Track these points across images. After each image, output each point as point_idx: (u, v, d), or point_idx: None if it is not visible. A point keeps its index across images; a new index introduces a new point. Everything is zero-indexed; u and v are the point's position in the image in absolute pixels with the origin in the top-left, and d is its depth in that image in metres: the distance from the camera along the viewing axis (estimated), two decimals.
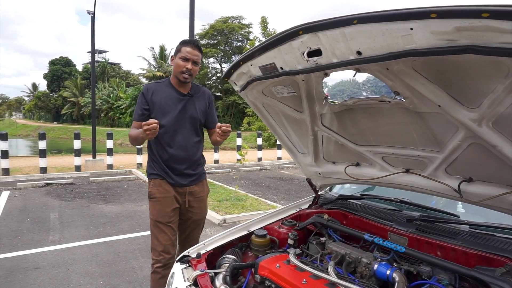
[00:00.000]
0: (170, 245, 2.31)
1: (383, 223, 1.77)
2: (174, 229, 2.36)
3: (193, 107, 2.38)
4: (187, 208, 2.39)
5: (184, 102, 2.35)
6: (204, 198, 2.48)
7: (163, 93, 2.34)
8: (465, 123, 1.21)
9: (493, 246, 1.41)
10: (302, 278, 1.47)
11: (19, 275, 3.30)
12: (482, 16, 0.83)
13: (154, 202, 2.34)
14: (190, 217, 2.43)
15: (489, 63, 0.96)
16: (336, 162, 2.03)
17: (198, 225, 2.49)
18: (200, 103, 2.43)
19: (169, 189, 2.33)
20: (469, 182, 1.45)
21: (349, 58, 1.19)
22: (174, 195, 2.34)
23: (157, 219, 2.30)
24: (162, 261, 2.27)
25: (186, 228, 2.47)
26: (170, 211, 2.33)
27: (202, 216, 2.50)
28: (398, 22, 0.98)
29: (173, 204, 2.35)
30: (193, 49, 2.29)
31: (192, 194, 2.40)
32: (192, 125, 2.38)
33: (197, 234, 2.52)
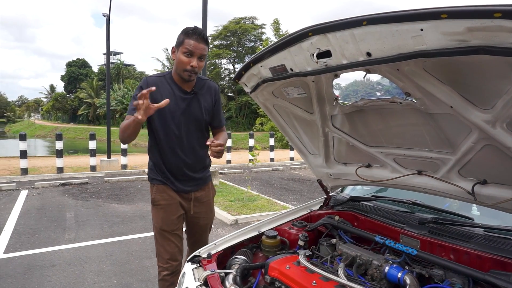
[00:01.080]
0: (177, 252, 2.19)
1: (395, 225, 1.75)
2: (180, 236, 2.22)
3: (197, 107, 2.13)
4: (193, 215, 2.26)
5: (187, 101, 2.10)
6: (210, 201, 2.35)
7: (165, 90, 2.06)
8: (478, 125, 1.19)
9: (509, 250, 1.38)
10: (312, 279, 1.46)
11: (36, 272, 3.38)
12: (495, 16, 0.81)
13: (158, 210, 2.17)
14: (197, 222, 2.31)
15: (503, 63, 0.94)
16: (347, 163, 2.02)
17: (205, 229, 2.38)
18: (205, 100, 2.17)
19: (173, 195, 2.16)
20: (483, 185, 1.42)
21: (359, 60, 1.18)
22: (180, 201, 2.19)
23: (162, 227, 2.15)
24: (169, 269, 2.15)
25: (194, 233, 2.36)
26: (175, 218, 2.17)
27: (209, 220, 2.38)
28: (408, 23, 0.97)
29: (178, 211, 2.19)
30: (198, 42, 1.97)
31: (198, 200, 2.25)
32: (196, 126, 2.15)
33: (205, 237, 2.42)
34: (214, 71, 33.43)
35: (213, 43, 35.18)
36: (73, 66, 58.65)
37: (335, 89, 1.57)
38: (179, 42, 2.01)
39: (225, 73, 36.88)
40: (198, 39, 1.97)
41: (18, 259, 3.70)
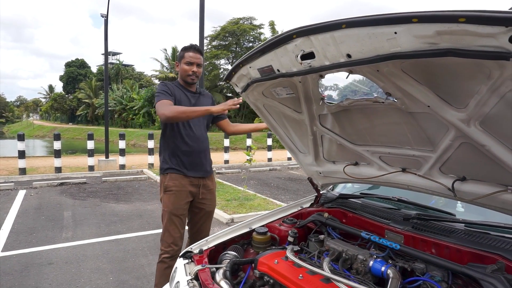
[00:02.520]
0: (179, 237, 2.50)
1: (381, 221, 1.81)
2: (184, 222, 2.55)
3: (203, 103, 2.63)
4: (200, 200, 2.59)
5: (196, 98, 2.61)
6: (214, 190, 2.71)
7: (179, 91, 2.55)
8: (454, 123, 1.24)
9: (486, 244, 1.43)
10: (298, 273, 1.51)
11: (34, 270, 3.43)
12: (459, 21, 0.86)
13: (169, 195, 2.49)
14: (203, 208, 2.62)
15: (472, 65, 1.00)
16: (336, 161, 2.07)
17: (209, 217, 2.69)
18: (207, 101, 2.68)
19: (184, 183, 2.50)
20: (463, 181, 1.48)
21: (340, 61, 1.23)
22: (189, 190, 2.53)
23: (171, 211, 2.47)
24: (170, 252, 2.45)
25: (199, 220, 2.65)
26: (183, 204, 2.51)
27: (213, 207, 2.71)
28: (383, 26, 1.02)
29: (187, 197, 2.53)
30: (195, 53, 2.52)
31: (205, 187, 2.61)
32: (204, 119, 2.63)
33: (208, 226, 2.71)
34: (212, 72, 33.42)
35: (211, 44, 35.22)
36: (72, 67, 58.62)
37: (321, 89, 1.62)
38: (180, 57, 2.56)
39: (224, 73, 36.91)
40: (195, 51, 2.53)
41: (16, 257, 3.74)
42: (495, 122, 1.14)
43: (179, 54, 2.58)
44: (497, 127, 1.16)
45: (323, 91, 1.63)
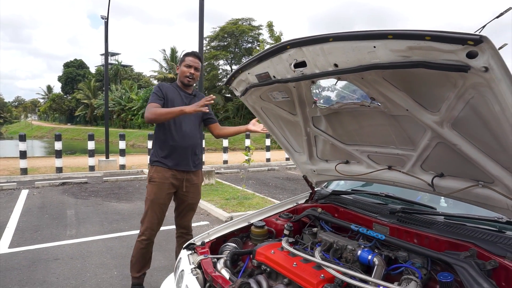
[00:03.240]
0: (156, 223, 2.80)
1: (369, 215, 1.96)
2: (163, 210, 2.82)
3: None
4: (184, 192, 2.84)
5: (189, 99, 2.85)
6: (198, 185, 2.95)
7: (174, 91, 2.82)
8: (430, 125, 1.39)
9: (462, 233, 1.59)
10: (293, 262, 1.66)
11: (41, 265, 3.57)
12: (426, 38, 1.02)
13: (152, 185, 2.77)
14: (186, 200, 2.88)
15: (441, 75, 1.15)
16: (328, 160, 2.23)
17: (192, 208, 2.96)
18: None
19: (167, 176, 2.76)
20: (441, 177, 1.63)
21: (328, 69, 1.39)
22: (171, 182, 2.77)
23: (153, 199, 2.75)
24: (147, 235, 2.78)
25: (182, 210, 2.93)
26: (165, 194, 2.78)
27: (196, 200, 2.96)
28: (364, 41, 1.17)
29: (168, 189, 2.78)
30: (194, 58, 2.81)
31: (189, 181, 2.85)
32: (196, 118, 2.87)
33: (190, 216, 3.00)
34: (211, 73, 33.56)
35: (210, 45, 35.35)
36: (71, 67, 58.65)
37: (314, 93, 1.77)
38: (181, 60, 2.85)
39: (223, 74, 37.03)
40: (194, 57, 2.82)
41: (22, 254, 3.88)
42: (464, 124, 1.30)
43: (181, 58, 2.90)
44: (466, 128, 1.31)
45: (315, 96, 1.78)
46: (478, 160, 1.37)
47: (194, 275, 1.75)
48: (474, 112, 1.20)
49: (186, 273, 1.79)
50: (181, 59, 2.87)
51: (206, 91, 32.66)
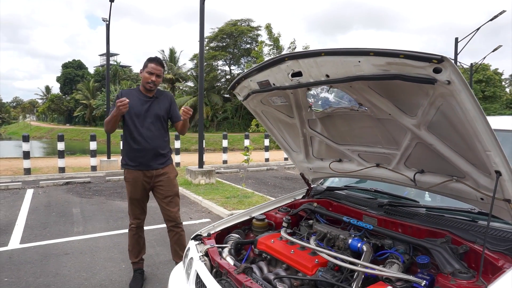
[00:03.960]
0: (140, 213, 3.17)
1: (360, 208, 2.17)
2: (143, 202, 3.17)
3: (157, 107, 3.05)
4: (157, 186, 3.10)
5: (149, 103, 3.02)
6: (171, 178, 3.15)
7: (133, 96, 2.98)
8: (409, 127, 1.60)
9: (440, 223, 1.80)
10: (290, 249, 1.87)
11: (52, 259, 3.76)
12: (400, 56, 1.22)
13: (128, 185, 3.09)
14: (162, 193, 3.12)
15: (416, 85, 1.35)
16: (323, 159, 2.43)
17: (171, 200, 3.15)
18: (164, 103, 3.10)
19: (138, 176, 3.03)
20: (422, 173, 1.84)
21: (321, 79, 1.59)
22: (142, 181, 3.05)
23: (130, 196, 3.11)
24: (135, 223, 3.18)
25: (162, 201, 3.16)
26: (139, 191, 3.08)
27: (172, 193, 3.15)
28: (350, 56, 1.38)
29: (142, 186, 3.07)
30: (156, 65, 2.96)
31: (160, 176, 3.08)
32: (157, 120, 3.03)
33: (173, 208, 3.16)
34: (210, 74, 33.74)
35: (209, 45, 35.54)
36: (69, 68, 58.72)
37: (309, 99, 1.98)
38: (144, 66, 2.99)
39: (221, 74, 37.24)
40: (157, 64, 2.96)
41: (33, 249, 4.08)
42: (437, 127, 1.50)
43: (144, 63, 3.01)
44: (439, 130, 1.52)
45: (310, 101, 1.98)
46: (451, 158, 1.58)
47: (202, 262, 1.96)
48: (444, 116, 1.41)
49: (195, 260, 1.99)
50: (144, 64, 2.99)
51: (205, 92, 32.84)
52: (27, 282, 3.23)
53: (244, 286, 1.63)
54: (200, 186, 7.83)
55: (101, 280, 3.30)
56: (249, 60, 35.10)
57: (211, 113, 33.86)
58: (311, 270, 1.70)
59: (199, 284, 1.84)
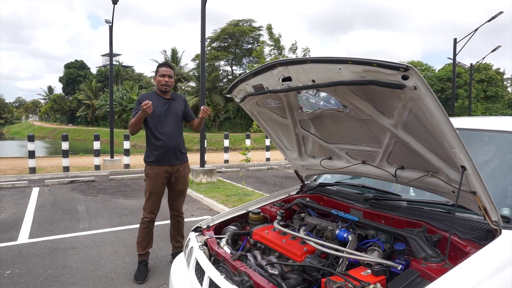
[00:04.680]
0: (155, 208, 3.46)
1: (347, 202, 2.34)
2: (160, 198, 3.46)
3: (175, 107, 3.46)
4: (173, 182, 3.47)
5: (168, 103, 3.43)
6: (185, 175, 3.58)
7: (153, 99, 3.28)
8: (388, 127, 1.77)
9: (418, 214, 1.97)
10: (282, 239, 2.04)
11: (60, 253, 3.95)
12: (374, 65, 1.39)
13: (149, 180, 3.39)
14: (176, 188, 3.53)
15: (390, 90, 1.52)
16: (315, 156, 2.60)
17: (181, 194, 3.61)
18: (179, 105, 3.52)
19: (160, 171, 3.37)
20: (402, 169, 2.01)
21: (308, 84, 1.76)
22: (163, 176, 3.39)
23: (151, 191, 3.39)
24: (149, 218, 3.44)
25: (173, 195, 3.58)
26: (159, 186, 3.40)
27: (184, 188, 3.61)
28: (332, 64, 1.55)
29: (162, 181, 3.41)
30: (166, 68, 3.40)
31: (177, 172, 3.47)
32: (176, 119, 3.44)
33: (180, 200, 3.64)
34: (212, 74, 33.93)
35: (211, 45, 35.74)
36: (72, 68, 59.06)
37: (300, 101, 2.15)
38: (156, 71, 3.43)
39: (223, 75, 37.43)
40: (166, 67, 3.42)
41: (42, 243, 4.27)
42: (411, 127, 1.67)
43: (155, 70, 3.44)
44: (413, 130, 1.69)
45: (300, 103, 2.15)
46: (425, 154, 1.75)
47: (202, 250, 2.13)
48: (416, 117, 1.58)
49: (194, 249, 2.17)
50: (156, 70, 3.43)
51: (207, 92, 33.05)
52: (37, 274, 3.42)
53: (239, 271, 1.81)
54: (202, 184, 8.01)
55: (107, 272, 3.49)
56: (251, 60, 35.28)
57: (213, 113, 34.06)
58: (300, 257, 1.87)
59: (198, 270, 2.01)
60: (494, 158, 2.24)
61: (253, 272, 1.77)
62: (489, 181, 1.90)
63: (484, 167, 2.16)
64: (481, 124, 2.49)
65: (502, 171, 2.12)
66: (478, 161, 2.00)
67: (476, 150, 2.24)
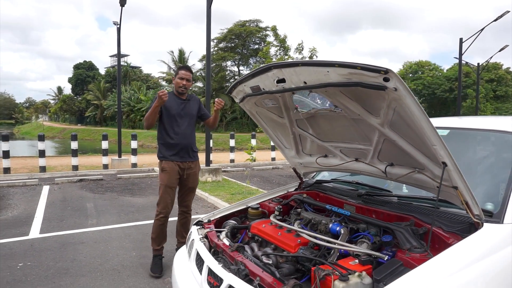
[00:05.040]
0: (170, 203, 3.55)
1: (342, 198, 2.45)
2: (174, 192, 3.58)
3: (191, 108, 3.61)
4: (185, 178, 3.61)
5: (184, 104, 3.58)
6: (196, 172, 3.72)
7: (170, 98, 3.43)
8: (376, 126, 1.88)
9: (407, 209, 2.07)
10: (278, 232, 2.16)
11: (70, 247, 4.12)
12: (358, 68, 1.50)
13: (165, 173, 3.50)
14: (187, 184, 3.66)
15: (375, 91, 1.63)
16: (311, 154, 2.71)
17: (191, 190, 3.75)
18: (194, 105, 3.68)
19: (174, 166, 3.50)
20: (391, 166, 2.11)
21: (300, 85, 1.88)
22: (178, 170, 3.53)
23: (167, 184, 3.49)
24: (164, 213, 3.52)
25: (184, 192, 3.72)
26: (174, 179, 3.53)
27: (195, 184, 3.74)
28: (321, 67, 1.66)
29: (176, 175, 3.53)
30: (186, 72, 3.56)
31: (189, 169, 3.60)
32: (190, 119, 3.60)
33: (190, 197, 3.77)
34: (219, 74, 34.13)
35: (218, 46, 35.94)
36: (81, 69, 59.77)
37: (295, 101, 2.26)
38: (176, 73, 3.60)
39: (230, 75, 37.60)
40: (186, 70, 3.58)
41: (52, 238, 4.44)
42: (397, 125, 1.78)
43: (175, 71, 3.69)
44: (399, 128, 1.79)
45: (295, 103, 2.27)
46: (411, 152, 1.85)
47: (202, 242, 2.26)
48: (400, 117, 1.68)
49: (195, 242, 2.30)
50: (176, 72, 3.61)
51: (214, 92, 33.27)
52: (48, 266, 3.59)
53: (235, 260, 1.93)
54: (207, 183, 8.15)
55: (114, 265, 3.64)
56: (257, 60, 35.40)
57: (220, 113, 34.23)
58: (294, 249, 1.98)
59: (199, 260, 2.14)
60: (481, 157, 2.34)
61: (249, 262, 1.89)
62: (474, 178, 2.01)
63: (470, 165, 2.26)
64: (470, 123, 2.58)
65: (487, 170, 2.21)
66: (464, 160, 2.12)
67: (462, 149, 2.33)
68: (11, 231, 4.71)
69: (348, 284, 1.55)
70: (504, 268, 1.66)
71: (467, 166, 2.29)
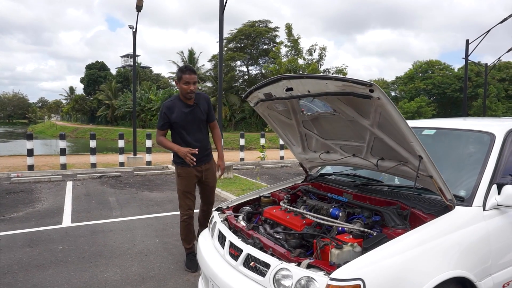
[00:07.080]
0: (192, 204, 3.61)
1: (341, 188, 2.87)
2: (193, 195, 3.62)
3: (199, 111, 3.51)
4: (205, 179, 3.66)
5: (191, 109, 3.47)
6: (214, 170, 3.73)
7: (177, 108, 3.43)
8: (367, 127, 2.29)
9: (395, 196, 2.48)
10: (287, 215, 2.59)
11: (100, 235, 4.60)
12: (349, 81, 1.92)
13: (181, 179, 3.55)
14: (208, 184, 3.71)
15: (364, 100, 2.04)
16: (316, 151, 3.13)
17: (212, 190, 3.80)
18: (203, 106, 3.56)
19: (190, 170, 3.53)
20: (382, 160, 2.52)
21: (305, 93, 2.30)
22: (195, 174, 3.57)
23: (184, 189, 3.55)
24: (188, 215, 3.59)
25: (206, 192, 3.76)
26: (191, 184, 3.58)
27: (215, 182, 3.79)
28: (320, 80, 2.08)
29: (193, 179, 3.59)
30: (191, 75, 3.33)
31: (207, 170, 3.65)
32: (200, 123, 3.54)
33: (213, 195, 3.83)
34: (228, 74, 34.60)
35: (227, 46, 36.41)
36: (93, 69, 60.82)
37: (301, 106, 2.68)
38: (178, 78, 3.36)
39: (239, 75, 38.04)
40: (190, 73, 3.34)
41: (83, 227, 4.94)
42: (383, 126, 2.19)
43: (177, 74, 3.39)
44: (385, 128, 2.20)
45: (302, 107, 2.69)
46: (396, 148, 2.26)
47: (223, 224, 2.70)
48: (385, 119, 2.10)
49: (217, 223, 2.74)
50: (178, 75, 3.35)
51: (224, 92, 33.74)
52: (83, 249, 4.07)
53: (252, 236, 2.37)
54: (219, 180, 8.59)
55: (141, 249, 4.11)
56: (266, 60, 35.78)
57: (229, 113, 34.75)
58: (300, 228, 2.41)
59: (221, 238, 2.58)
60: (460, 152, 2.74)
61: (263, 237, 2.33)
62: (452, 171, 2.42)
63: (450, 159, 2.67)
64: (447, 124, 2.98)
65: (464, 163, 2.61)
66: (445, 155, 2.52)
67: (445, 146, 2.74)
68: (45, 221, 5.22)
69: (342, 251, 1.98)
70: (472, 240, 2.08)
71: (447, 160, 2.70)
